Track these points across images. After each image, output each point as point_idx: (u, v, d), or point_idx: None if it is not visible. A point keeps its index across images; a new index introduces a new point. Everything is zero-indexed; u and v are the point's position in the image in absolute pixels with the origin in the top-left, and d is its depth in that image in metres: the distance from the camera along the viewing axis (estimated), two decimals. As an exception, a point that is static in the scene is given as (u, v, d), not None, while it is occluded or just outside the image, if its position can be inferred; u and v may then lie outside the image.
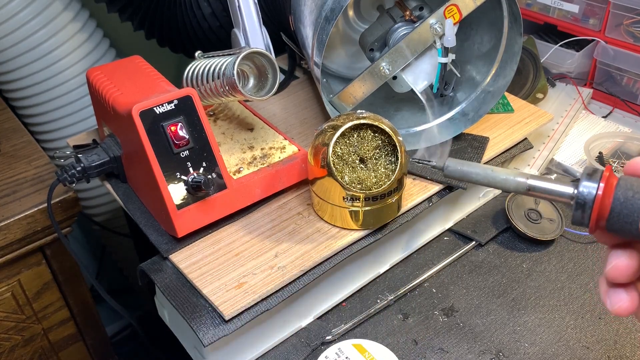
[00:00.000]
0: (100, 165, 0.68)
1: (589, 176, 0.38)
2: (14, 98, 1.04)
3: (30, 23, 0.95)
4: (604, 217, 0.37)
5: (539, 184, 0.40)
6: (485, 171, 0.41)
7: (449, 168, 0.43)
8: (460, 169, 0.42)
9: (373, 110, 0.62)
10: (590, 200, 0.37)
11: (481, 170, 0.42)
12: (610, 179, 0.37)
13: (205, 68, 0.67)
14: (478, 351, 0.60)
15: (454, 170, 0.43)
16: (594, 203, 0.37)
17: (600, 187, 0.37)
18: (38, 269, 0.82)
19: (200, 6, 0.96)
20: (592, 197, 0.37)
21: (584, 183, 0.38)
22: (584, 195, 0.37)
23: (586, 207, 0.37)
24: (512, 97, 0.82)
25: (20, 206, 0.76)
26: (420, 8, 0.69)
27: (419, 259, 0.71)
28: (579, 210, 0.38)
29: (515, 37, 0.69)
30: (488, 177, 0.41)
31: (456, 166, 0.42)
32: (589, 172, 0.38)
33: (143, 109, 0.58)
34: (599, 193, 0.37)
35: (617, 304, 0.35)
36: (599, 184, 0.37)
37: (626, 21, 0.89)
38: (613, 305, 0.35)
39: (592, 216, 0.37)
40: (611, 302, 0.36)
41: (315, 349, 0.61)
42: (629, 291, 0.36)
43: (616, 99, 0.94)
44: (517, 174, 0.41)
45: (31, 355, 0.88)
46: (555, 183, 0.40)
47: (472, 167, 0.42)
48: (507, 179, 0.41)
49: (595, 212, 0.37)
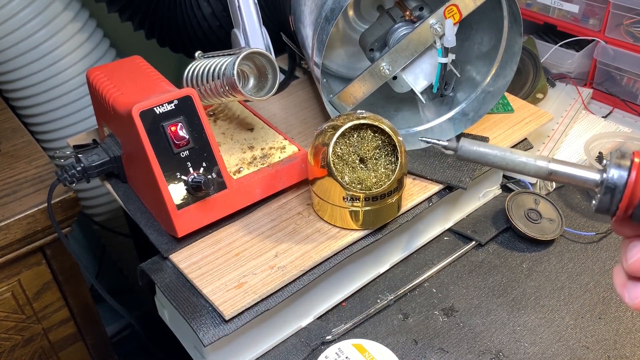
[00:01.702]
0: (101, 165, 0.68)
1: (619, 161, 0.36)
2: (14, 98, 1.04)
3: (30, 23, 0.95)
4: (633, 205, 0.35)
5: (562, 169, 0.37)
6: (504, 153, 0.38)
7: (462, 148, 0.39)
8: (476, 150, 0.38)
9: (373, 110, 0.62)
10: (621, 186, 0.35)
11: (499, 151, 0.38)
12: None
13: (205, 68, 0.67)
14: (478, 351, 0.60)
15: (468, 151, 0.38)
16: (625, 188, 0.35)
17: (632, 173, 0.35)
18: (38, 269, 0.82)
19: (200, 6, 0.96)
20: (623, 182, 0.35)
21: (614, 167, 0.35)
22: (614, 180, 0.35)
23: (616, 193, 0.35)
24: (512, 97, 0.82)
25: (20, 206, 0.76)
26: (420, 8, 0.69)
27: (419, 259, 0.71)
28: (608, 195, 0.35)
29: (515, 37, 0.69)
30: (506, 159, 0.38)
31: (471, 147, 0.38)
32: (617, 156, 0.36)
33: (143, 109, 0.58)
34: (632, 178, 0.35)
35: (638, 297, 0.34)
36: (631, 169, 0.35)
37: (626, 21, 0.89)
38: (633, 299, 0.34)
39: (621, 203, 0.35)
40: (630, 296, 0.34)
41: (315, 348, 0.61)
42: None
43: (616, 99, 0.94)
44: (537, 157, 0.37)
45: (31, 355, 0.88)
46: (579, 168, 0.37)
47: (488, 147, 0.38)
48: (527, 162, 0.38)
49: (626, 199, 0.35)
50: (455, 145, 0.39)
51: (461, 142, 0.39)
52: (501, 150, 0.38)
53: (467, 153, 0.39)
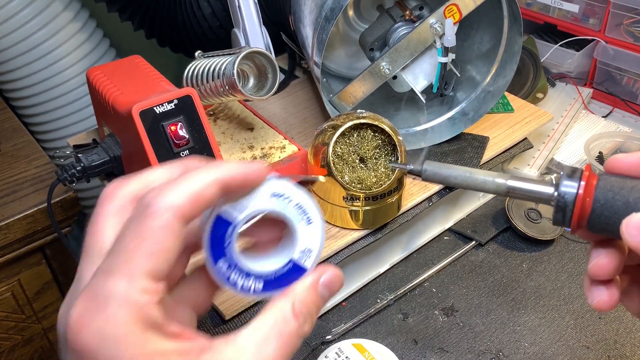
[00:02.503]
0: (100, 165, 0.68)
1: (569, 176, 0.37)
2: (14, 98, 1.04)
3: (30, 23, 0.95)
4: (585, 218, 0.36)
5: (519, 185, 0.39)
6: (464, 174, 0.40)
7: (426, 172, 0.41)
8: (439, 172, 0.41)
9: (373, 110, 0.62)
10: (570, 202, 0.36)
11: (460, 172, 0.40)
12: (591, 179, 0.36)
13: (205, 68, 0.67)
14: (478, 351, 0.60)
15: (432, 174, 0.41)
16: (574, 204, 0.36)
17: (580, 187, 0.36)
18: (38, 269, 0.82)
19: (200, 6, 0.96)
20: (572, 197, 0.36)
21: (565, 183, 0.37)
22: (564, 196, 0.36)
23: (567, 209, 0.37)
24: (512, 97, 0.82)
25: (20, 206, 0.76)
26: (420, 8, 0.69)
27: (419, 259, 0.71)
28: (560, 212, 0.37)
29: (515, 36, 0.69)
30: (467, 180, 0.40)
31: (434, 169, 0.41)
32: (568, 172, 0.37)
33: (143, 109, 0.58)
34: (580, 193, 0.36)
35: (596, 298, 0.36)
36: (580, 184, 0.36)
37: (626, 21, 0.89)
38: (593, 300, 0.36)
39: (573, 217, 0.37)
40: (592, 297, 0.37)
41: (315, 348, 0.61)
42: (609, 287, 0.36)
43: (616, 99, 0.94)
44: (496, 176, 0.39)
45: (31, 355, 0.88)
46: (535, 184, 0.39)
47: (450, 169, 0.41)
48: (486, 180, 0.39)
49: (576, 213, 0.36)
50: (419, 169, 0.41)
51: (425, 166, 0.41)
52: (462, 171, 0.40)
53: (431, 176, 0.41)
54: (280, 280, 0.36)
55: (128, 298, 0.28)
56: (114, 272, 0.29)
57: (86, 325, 0.28)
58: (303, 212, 0.36)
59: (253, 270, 0.35)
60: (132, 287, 0.29)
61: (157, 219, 0.30)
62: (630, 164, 0.35)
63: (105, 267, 0.30)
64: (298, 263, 0.36)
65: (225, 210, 0.34)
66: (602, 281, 0.37)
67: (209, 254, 0.34)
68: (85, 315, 0.29)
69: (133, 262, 0.29)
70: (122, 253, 0.30)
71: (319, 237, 0.36)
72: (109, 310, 0.28)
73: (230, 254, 0.34)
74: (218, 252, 0.34)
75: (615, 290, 0.36)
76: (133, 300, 0.28)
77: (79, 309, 0.29)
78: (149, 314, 0.29)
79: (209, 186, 0.31)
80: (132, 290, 0.29)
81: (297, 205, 0.35)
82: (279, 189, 0.35)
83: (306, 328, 0.33)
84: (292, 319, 0.33)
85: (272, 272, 0.35)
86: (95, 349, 0.28)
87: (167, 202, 0.30)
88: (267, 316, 0.32)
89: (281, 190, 0.35)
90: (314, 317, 0.34)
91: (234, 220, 0.34)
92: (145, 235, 0.29)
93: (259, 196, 0.35)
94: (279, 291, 0.35)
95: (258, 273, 0.35)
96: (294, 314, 0.33)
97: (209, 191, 0.31)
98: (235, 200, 0.34)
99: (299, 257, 0.36)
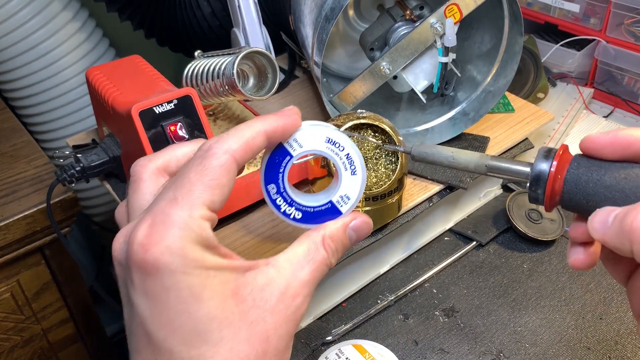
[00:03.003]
0: (100, 165, 0.68)
1: (544, 156, 0.38)
2: (13, 98, 1.04)
3: (29, 22, 0.95)
4: (556, 196, 0.38)
5: (497, 164, 0.41)
6: (449, 154, 0.43)
7: (414, 150, 0.45)
8: (425, 152, 0.44)
9: (373, 110, 0.61)
10: (544, 176, 0.38)
11: (444, 151, 0.44)
12: (564, 158, 0.38)
13: (205, 67, 0.66)
14: (479, 352, 0.60)
15: (419, 153, 0.45)
16: (547, 182, 0.38)
17: (553, 165, 0.38)
18: (37, 269, 0.82)
19: (200, 6, 0.96)
20: (546, 173, 0.38)
21: (539, 162, 0.38)
22: (539, 171, 0.38)
23: (540, 184, 0.38)
24: (512, 97, 0.82)
25: (19, 206, 0.76)
26: (420, 7, 0.69)
27: (419, 259, 0.70)
28: (535, 186, 0.38)
29: (515, 36, 0.69)
30: (449, 159, 0.43)
31: (420, 149, 0.45)
32: (544, 152, 0.39)
33: (142, 109, 0.58)
34: (552, 171, 0.38)
35: (573, 256, 0.39)
36: (552, 163, 0.38)
37: (627, 21, 0.89)
38: (570, 258, 0.40)
39: (545, 195, 0.38)
40: (569, 256, 0.40)
41: (316, 349, 0.61)
42: (586, 249, 0.39)
43: (617, 99, 0.94)
44: (478, 156, 0.42)
45: (30, 355, 0.87)
46: (513, 163, 0.41)
47: (436, 149, 0.44)
48: (468, 159, 0.43)
49: (548, 191, 0.38)
50: (409, 149, 0.45)
51: (414, 147, 0.45)
52: (447, 151, 0.44)
53: (419, 155, 0.45)
54: (317, 215, 0.41)
55: (190, 222, 0.34)
56: (178, 200, 0.34)
57: (155, 244, 0.33)
58: (350, 163, 0.41)
59: (296, 201, 0.41)
60: (194, 213, 0.34)
61: (217, 159, 0.36)
62: (604, 142, 0.37)
63: (170, 196, 0.35)
64: (336, 205, 0.41)
65: (288, 142, 0.40)
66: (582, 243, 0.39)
67: (264, 176, 0.40)
68: (153, 235, 0.33)
69: (195, 193, 0.35)
70: (185, 185, 0.35)
71: (359, 188, 0.41)
72: (175, 231, 0.33)
73: (281, 181, 0.40)
74: (272, 176, 0.40)
75: (593, 251, 0.39)
76: (195, 224, 0.34)
77: (146, 230, 0.34)
78: (206, 236, 0.35)
79: (258, 135, 0.37)
80: (193, 216, 0.34)
81: (347, 155, 0.41)
82: (335, 137, 0.40)
83: (333, 260, 0.40)
84: (322, 250, 0.39)
85: (311, 207, 0.41)
86: (163, 264, 0.33)
87: (225, 146, 0.36)
88: (302, 244, 0.39)
89: (337, 139, 0.40)
90: (340, 253, 0.41)
91: (292, 152, 0.40)
92: (206, 171, 0.35)
93: (315, 138, 0.40)
94: (314, 225, 0.41)
95: (300, 205, 0.41)
96: (324, 246, 0.39)
97: (258, 140, 0.37)
98: None
99: (337, 201, 0.41)
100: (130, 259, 0.34)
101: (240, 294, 0.36)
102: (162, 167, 0.40)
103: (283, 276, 0.37)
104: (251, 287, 0.36)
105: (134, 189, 0.39)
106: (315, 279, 0.39)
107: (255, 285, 0.36)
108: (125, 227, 0.37)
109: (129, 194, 0.40)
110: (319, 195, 0.42)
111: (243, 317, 0.35)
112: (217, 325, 0.34)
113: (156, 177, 0.40)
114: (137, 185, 0.39)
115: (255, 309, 0.36)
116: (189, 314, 0.34)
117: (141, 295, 0.34)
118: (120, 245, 0.36)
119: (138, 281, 0.34)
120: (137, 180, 0.40)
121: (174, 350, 0.34)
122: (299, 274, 0.38)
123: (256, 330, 0.35)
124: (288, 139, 0.40)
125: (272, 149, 0.40)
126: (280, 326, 0.36)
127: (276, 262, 0.38)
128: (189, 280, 0.34)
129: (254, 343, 0.35)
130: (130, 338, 0.36)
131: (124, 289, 0.36)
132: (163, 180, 0.40)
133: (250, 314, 0.35)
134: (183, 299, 0.33)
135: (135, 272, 0.34)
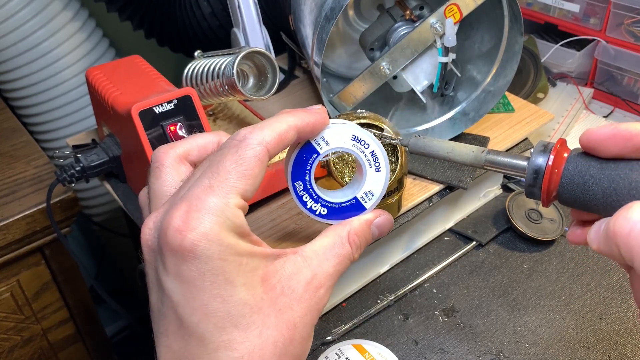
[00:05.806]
0: (100, 165, 0.68)
1: (542, 150, 0.38)
2: (13, 98, 1.04)
3: (29, 22, 0.95)
4: (553, 191, 0.38)
5: (495, 157, 0.41)
6: (446, 145, 0.43)
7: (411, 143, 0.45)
8: (423, 144, 0.44)
9: (373, 110, 0.61)
10: (542, 171, 0.37)
11: (442, 144, 0.44)
12: (561, 153, 0.37)
13: (204, 67, 0.66)
14: (478, 352, 0.60)
15: (416, 146, 0.45)
16: (544, 176, 0.37)
17: (550, 160, 0.37)
18: (37, 269, 0.82)
19: (200, 5, 0.96)
20: (543, 167, 0.37)
21: (536, 156, 0.38)
22: (536, 165, 0.38)
23: (538, 178, 0.38)
24: (512, 97, 0.82)
25: (19, 206, 0.76)
26: (420, 7, 0.69)
27: (419, 259, 0.71)
28: (532, 181, 0.38)
29: (515, 36, 0.69)
30: (446, 151, 0.43)
31: (418, 142, 0.45)
32: (541, 146, 0.38)
33: (142, 109, 0.58)
34: (549, 164, 0.37)
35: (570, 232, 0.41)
36: (549, 157, 0.37)
37: (627, 21, 0.89)
38: (568, 234, 0.41)
39: (542, 190, 0.38)
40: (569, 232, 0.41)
41: (315, 349, 0.61)
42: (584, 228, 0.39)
43: (617, 99, 0.94)
44: (475, 149, 0.42)
45: (30, 355, 0.87)
46: (510, 157, 0.41)
47: (433, 142, 0.44)
48: (466, 153, 0.43)
49: (545, 186, 0.38)
50: (406, 142, 0.45)
51: (411, 139, 0.45)
52: (445, 144, 0.44)
53: (416, 148, 0.45)
54: (342, 211, 0.42)
55: (226, 210, 0.35)
56: (214, 187, 0.35)
57: (192, 230, 0.34)
58: (375, 160, 0.42)
59: (322, 198, 0.42)
60: (229, 201, 0.35)
61: (253, 149, 0.36)
62: (605, 135, 0.37)
63: (205, 183, 0.36)
64: (360, 202, 0.42)
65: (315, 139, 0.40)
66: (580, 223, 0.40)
67: (291, 172, 0.41)
68: (190, 221, 0.34)
69: (230, 181, 0.36)
70: (221, 173, 0.36)
71: (382, 185, 0.42)
72: (211, 218, 0.34)
73: (308, 178, 0.41)
74: (299, 174, 0.41)
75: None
76: (230, 212, 0.35)
77: (183, 216, 0.34)
78: (240, 224, 0.36)
79: (290, 129, 0.38)
80: (229, 204, 0.35)
81: (371, 152, 0.41)
82: (360, 135, 0.41)
83: (356, 255, 0.41)
84: (347, 245, 0.40)
85: (337, 204, 0.42)
86: (200, 250, 0.34)
87: (259, 137, 0.37)
88: (328, 237, 0.40)
89: (362, 137, 0.41)
90: (362, 248, 0.42)
91: (319, 150, 0.41)
92: (240, 161, 0.36)
93: (341, 135, 0.41)
94: (339, 221, 0.42)
95: (325, 201, 0.42)
96: (349, 241, 0.40)
97: (290, 133, 0.38)
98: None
99: (361, 197, 0.42)
100: (164, 244, 0.35)
101: (270, 282, 0.37)
102: (184, 154, 0.41)
103: (309, 266, 0.38)
104: (280, 275, 0.37)
105: (155, 176, 0.40)
106: (339, 272, 0.40)
107: (283, 274, 0.37)
108: (153, 213, 0.37)
109: (151, 181, 0.41)
110: (343, 191, 0.43)
111: (272, 303, 0.36)
112: (249, 310, 0.35)
113: (177, 164, 0.41)
114: (159, 172, 0.40)
115: (284, 297, 0.37)
116: (223, 299, 0.34)
117: (175, 280, 0.35)
118: (151, 230, 0.37)
119: (172, 266, 0.35)
120: (159, 166, 0.40)
121: (205, 334, 0.35)
122: (324, 266, 0.39)
123: (284, 317, 0.37)
124: (315, 136, 0.40)
125: (299, 146, 0.40)
126: (305, 315, 0.38)
127: (303, 252, 0.39)
128: (224, 266, 0.34)
129: (282, 329, 0.36)
130: (158, 322, 0.37)
131: (153, 273, 0.37)
132: (184, 168, 0.41)
133: (279, 301, 0.37)
134: (218, 284, 0.34)
135: (170, 257, 0.34)
